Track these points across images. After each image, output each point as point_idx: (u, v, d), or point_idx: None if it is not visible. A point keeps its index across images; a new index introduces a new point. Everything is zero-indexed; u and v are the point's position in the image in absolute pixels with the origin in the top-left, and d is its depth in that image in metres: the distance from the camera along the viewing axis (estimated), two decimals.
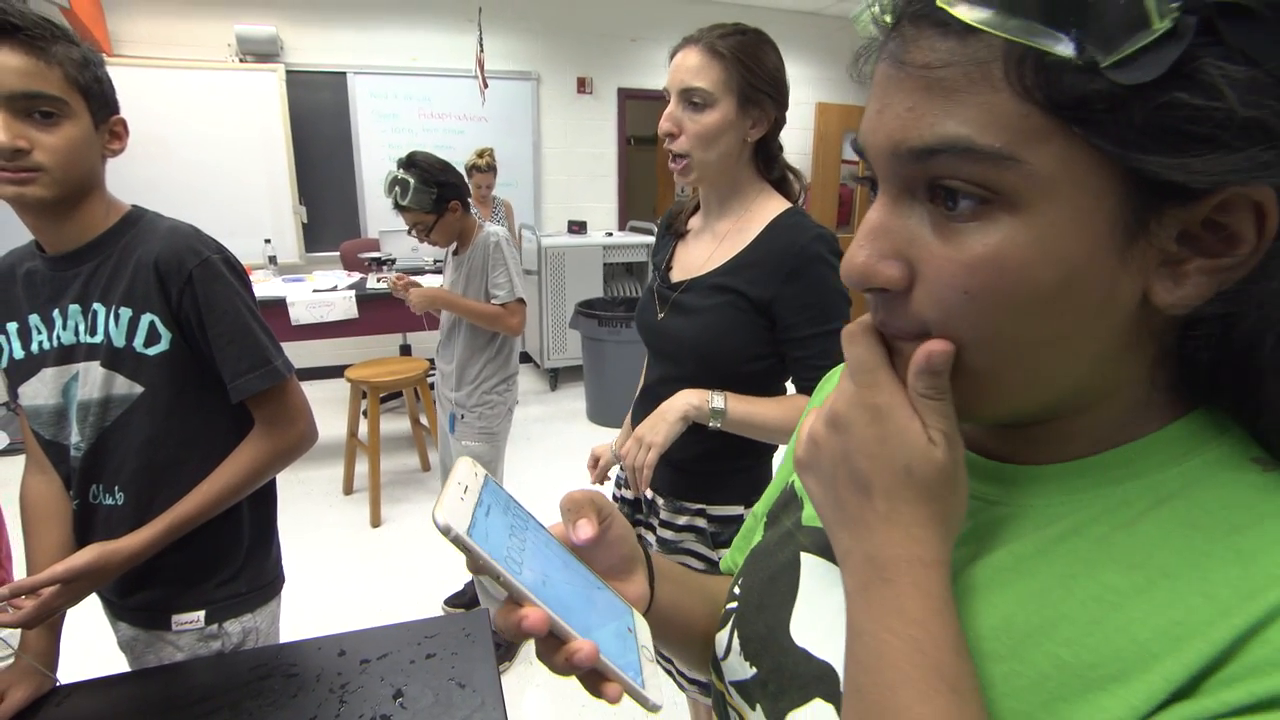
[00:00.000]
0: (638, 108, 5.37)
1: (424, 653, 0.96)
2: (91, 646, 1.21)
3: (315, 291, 3.21)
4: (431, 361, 3.28)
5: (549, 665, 0.39)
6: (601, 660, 0.37)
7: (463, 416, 2.04)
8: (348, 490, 3.20)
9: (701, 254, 1.11)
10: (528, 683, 2.04)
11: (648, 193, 6.46)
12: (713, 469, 1.12)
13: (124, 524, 0.93)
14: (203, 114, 4.17)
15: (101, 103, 0.88)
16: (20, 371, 0.94)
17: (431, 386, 2.81)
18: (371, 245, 3.92)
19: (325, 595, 2.41)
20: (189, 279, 0.91)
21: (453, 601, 2.37)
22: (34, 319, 0.93)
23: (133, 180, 0.80)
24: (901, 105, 0.31)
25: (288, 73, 4.31)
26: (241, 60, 4.26)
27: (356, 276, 3.59)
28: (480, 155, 3.85)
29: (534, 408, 4.36)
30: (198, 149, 4.19)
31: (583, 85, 5.11)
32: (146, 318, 0.91)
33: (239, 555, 1.04)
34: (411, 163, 1.87)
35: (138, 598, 1.00)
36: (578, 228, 5.13)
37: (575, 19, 4.98)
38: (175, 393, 0.95)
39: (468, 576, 2.23)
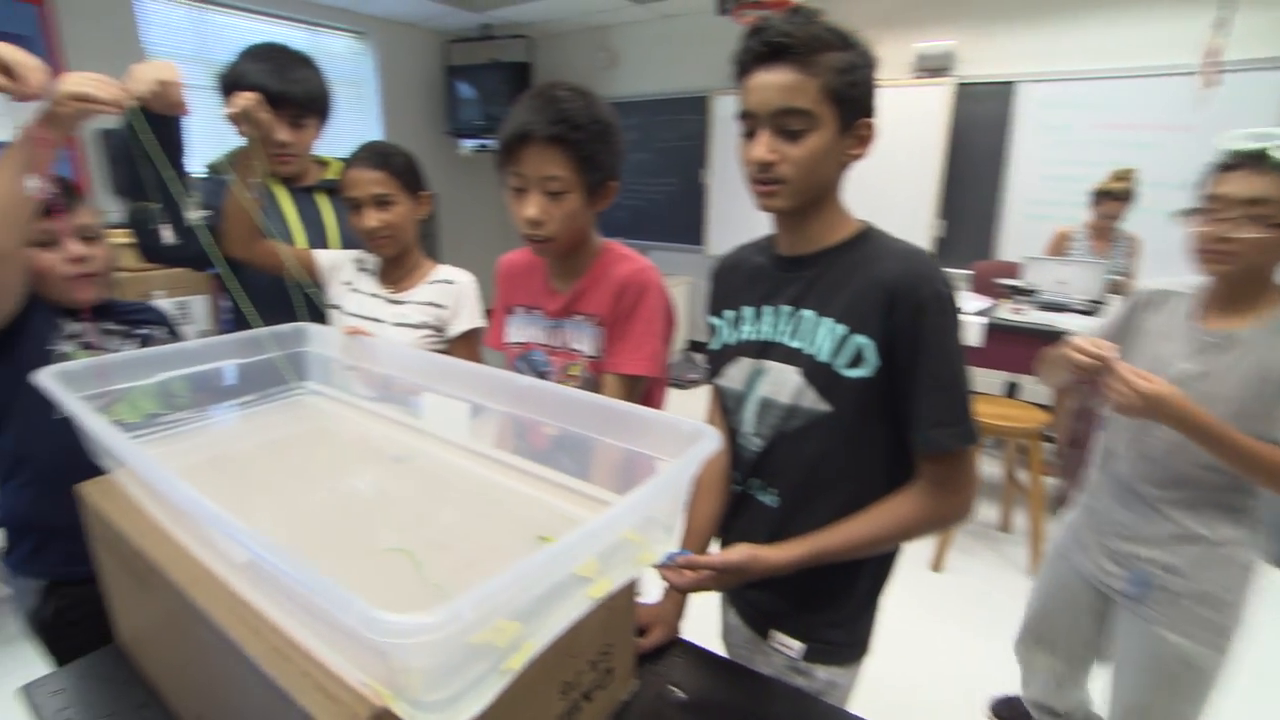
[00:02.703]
0: None
1: None
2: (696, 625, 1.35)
3: None
4: (1045, 409, 2.78)
5: None
6: None
7: (1163, 587, 1.29)
8: None
9: None
10: None
11: None
12: None
13: (767, 525, 0.95)
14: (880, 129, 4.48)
15: (852, 107, 0.84)
16: (724, 355, 1.02)
17: (1046, 439, 2.32)
18: (1009, 269, 3.55)
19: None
20: (919, 308, 0.83)
21: (1000, 710, 1.96)
22: (747, 310, 0.99)
23: None
24: None
25: (957, 85, 4.24)
26: (917, 76, 4.39)
27: (988, 302, 3.28)
28: (1118, 179, 3.13)
29: None
30: (867, 161, 4.53)
31: None
32: (858, 339, 0.86)
33: (850, 603, 0.96)
34: None
35: (753, 595, 1.02)
36: None
37: None
38: (857, 420, 0.89)
39: (1018, 675, 1.76)
